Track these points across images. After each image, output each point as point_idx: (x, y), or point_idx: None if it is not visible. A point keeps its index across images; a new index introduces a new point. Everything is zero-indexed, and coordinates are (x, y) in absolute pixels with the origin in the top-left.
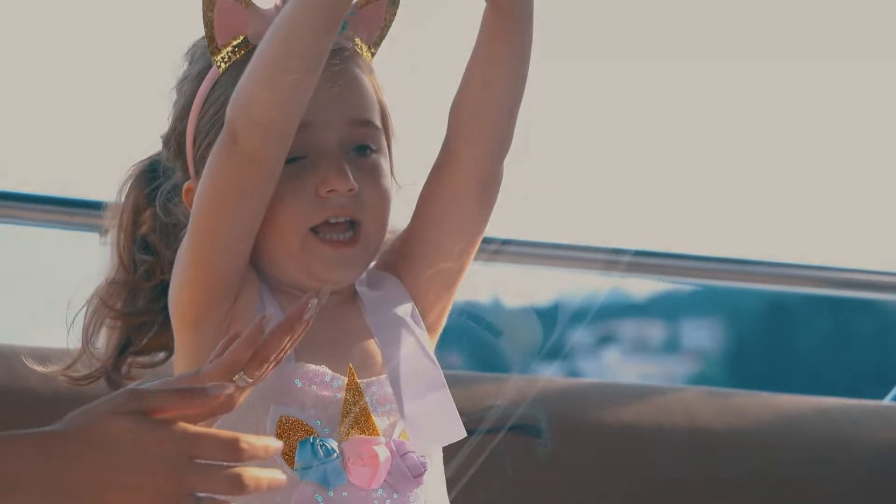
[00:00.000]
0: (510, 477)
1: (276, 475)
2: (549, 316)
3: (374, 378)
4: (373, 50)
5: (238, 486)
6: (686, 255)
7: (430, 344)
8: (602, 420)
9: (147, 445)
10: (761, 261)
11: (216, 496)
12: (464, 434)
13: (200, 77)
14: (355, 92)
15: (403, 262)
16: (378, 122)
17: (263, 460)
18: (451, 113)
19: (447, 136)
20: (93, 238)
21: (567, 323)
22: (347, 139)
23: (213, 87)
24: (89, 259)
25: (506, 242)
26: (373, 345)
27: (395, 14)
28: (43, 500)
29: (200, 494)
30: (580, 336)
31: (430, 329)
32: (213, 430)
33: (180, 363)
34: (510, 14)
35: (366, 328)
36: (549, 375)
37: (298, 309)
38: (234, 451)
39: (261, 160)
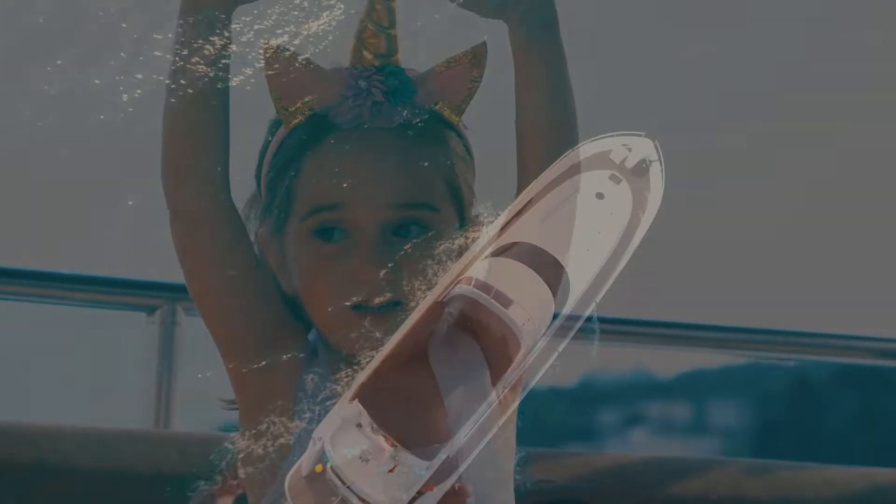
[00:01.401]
0: None
1: None
2: (575, 396)
3: (434, 445)
4: (459, 110)
5: None
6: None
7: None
8: (649, 494)
9: None
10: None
11: None
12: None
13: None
14: (404, 171)
15: None
16: (435, 201)
17: None
18: (516, 136)
19: (518, 159)
20: (139, 317)
21: (593, 403)
22: (388, 221)
23: (277, 150)
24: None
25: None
26: (439, 410)
27: (482, 74)
28: None
29: None
30: (606, 416)
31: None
32: None
33: (241, 416)
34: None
35: (434, 390)
36: (596, 450)
37: None
38: None
39: (200, 217)
